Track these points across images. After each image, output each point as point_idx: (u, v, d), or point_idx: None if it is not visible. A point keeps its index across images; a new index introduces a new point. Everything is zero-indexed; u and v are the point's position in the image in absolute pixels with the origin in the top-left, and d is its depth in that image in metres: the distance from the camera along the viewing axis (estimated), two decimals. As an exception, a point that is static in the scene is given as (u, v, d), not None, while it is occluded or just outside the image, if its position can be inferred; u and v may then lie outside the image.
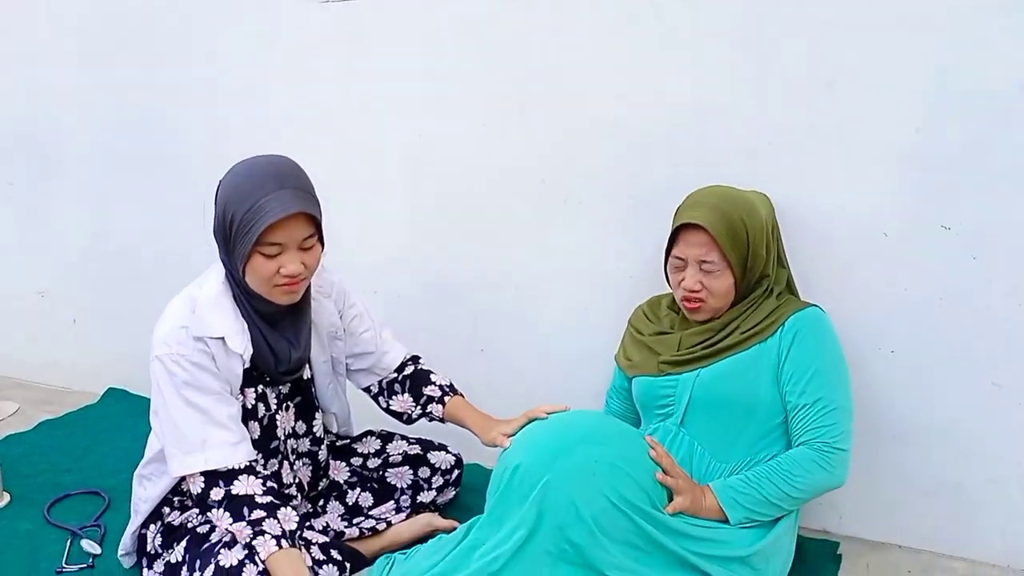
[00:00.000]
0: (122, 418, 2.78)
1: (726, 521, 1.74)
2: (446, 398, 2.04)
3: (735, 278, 1.84)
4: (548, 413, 1.80)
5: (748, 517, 1.75)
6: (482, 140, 2.33)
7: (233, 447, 1.73)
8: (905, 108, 1.90)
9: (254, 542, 1.67)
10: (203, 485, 1.71)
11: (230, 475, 1.71)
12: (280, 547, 1.66)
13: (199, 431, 1.71)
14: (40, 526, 2.15)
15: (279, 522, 1.69)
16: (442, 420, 2.04)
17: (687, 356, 1.90)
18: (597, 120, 2.19)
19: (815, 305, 1.89)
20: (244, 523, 1.68)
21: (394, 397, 2.07)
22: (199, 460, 1.70)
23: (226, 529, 1.70)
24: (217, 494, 1.70)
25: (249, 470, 1.73)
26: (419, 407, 2.05)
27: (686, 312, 1.91)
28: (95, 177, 2.90)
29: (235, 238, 1.69)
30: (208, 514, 1.73)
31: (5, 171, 3.02)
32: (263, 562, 1.66)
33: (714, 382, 1.85)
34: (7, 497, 2.27)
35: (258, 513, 1.68)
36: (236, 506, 1.69)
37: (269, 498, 1.71)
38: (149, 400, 2.91)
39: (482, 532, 1.71)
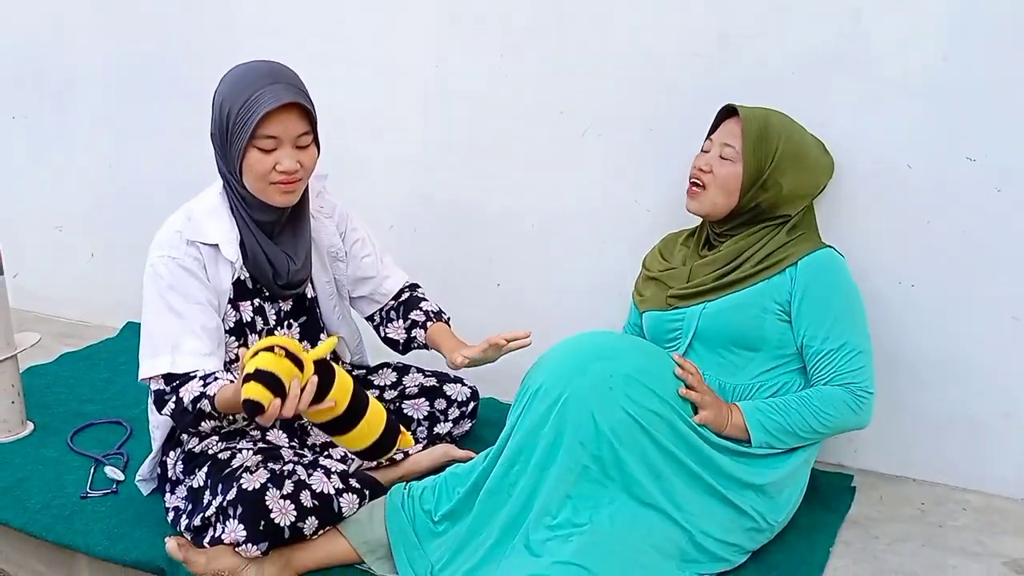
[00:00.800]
0: (141, 351, 2.81)
1: (748, 442, 1.76)
2: (429, 323, 2.02)
3: (743, 181, 1.83)
4: (508, 340, 1.77)
5: (769, 443, 1.76)
6: (500, 70, 2.30)
7: (204, 357, 1.72)
8: (932, 36, 1.86)
9: (206, 388, 1.65)
10: (163, 385, 1.70)
11: (189, 377, 1.69)
12: (218, 385, 1.65)
13: (173, 336, 1.71)
14: (64, 453, 2.19)
15: (197, 395, 1.67)
16: (425, 346, 2.03)
17: (694, 289, 1.90)
18: (616, 51, 2.16)
19: (829, 246, 1.87)
20: (196, 380, 1.67)
21: (390, 324, 2.07)
22: (166, 362, 1.69)
23: (177, 398, 1.67)
24: (170, 384, 1.70)
25: (210, 376, 1.71)
26: (405, 332, 2.05)
27: (688, 201, 1.91)
28: (108, 109, 2.89)
29: (231, 133, 1.70)
30: (160, 413, 1.71)
31: (19, 104, 3.02)
32: (212, 399, 1.63)
33: (718, 315, 1.85)
34: (31, 426, 2.31)
35: (187, 401, 1.67)
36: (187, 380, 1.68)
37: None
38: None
39: (505, 461, 1.73)
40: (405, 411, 2.12)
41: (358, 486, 1.83)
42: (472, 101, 2.35)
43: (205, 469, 1.82)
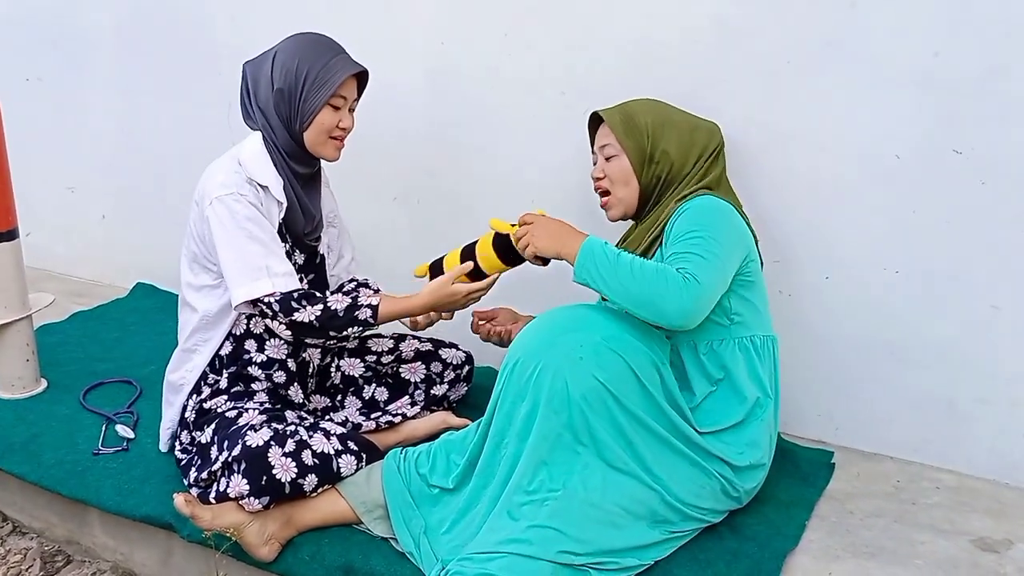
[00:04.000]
0: (151, 312, 2.89)
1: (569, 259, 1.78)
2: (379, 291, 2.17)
3: (633, 165, 1.90)
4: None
5: (585, 280, 1.76)
6: (503, 50, 2.34)
7: (294, 276, 1.90)
8: (925, 31, 1.90)
9: (359, 300, 1.89)
10: (278, 297, 1.85)
11: (290, 307, 1.86)
12: (375, 309, 1.89)
13: (262, 259, 1.86)
14: (76, 411, 2.27)
15: (353, 305, 1.90)
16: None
17: None
18: (618, 35, 2.20)
19: (714, 194, 1.86)
20: (338, 294, 1.91)
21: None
22: (266, 284, 1.85)
23: (324, 307, 1.87)
24: (282, 316, 1.86)
25: (308, 297, 1.88)
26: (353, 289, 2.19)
27: (606, 215, 1.99)
28: (122, 73, 2.94)
29: (308, 91, 1.90)
30: (289, 317, 1.86)
31: (35, 66, 3.07)
32: (375, 315, 1.88)
33: None
34: (44, 383, 2.40)
35: (339, 309, 1.88)
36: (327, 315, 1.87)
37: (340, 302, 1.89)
38: (175, 296, 3.03)
39: (495, 435, 1.80)
40: (403, 375, 2.20)
41: (356, 448, 1.92)
42: (476, 79, 2.40)
43: (213, 426, 1.90)
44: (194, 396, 1.99)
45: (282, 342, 1.99)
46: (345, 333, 1.89)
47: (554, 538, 1.64)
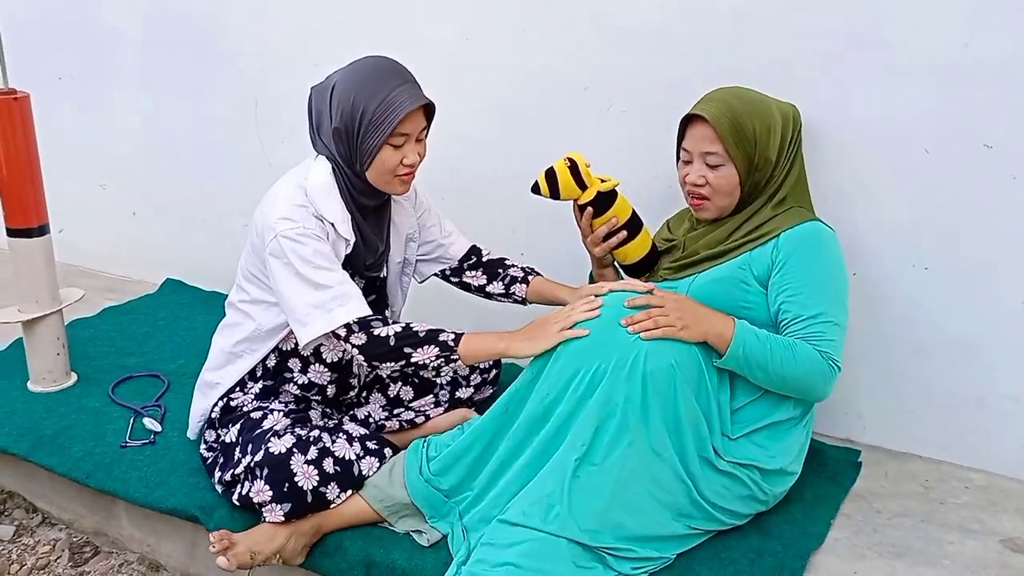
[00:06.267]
0: (180, 308, 2.92)
1: (719, 351, 1.75)
2: (529, 277, 2.13)
3: (740, 176, 1.84)
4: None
5: (736, 367, 1.76)
6: (525, 45, 2.34)
7: (365, 302, 1.82)
8: (954, 22, 1.87)
9: (440, 335, 1.78)
10: (357, 328, 1.79)
11: (369, 324, 1.79)
12: (459, 335, 1.78)
13: (335, 289, 1.79)
14: (105, 404, 2.30)
15: (437, 329, 1.81)
16: (523, 301, 2.13)
17: (684, 262, 1.94)
18: (639, 28, 2.19)
19: (817, 219, 1.87)
20: (429, 346, 1.77)
21: (464, 273, 2.16)
22: (341, 313, 1.78)
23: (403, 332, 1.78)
24: (359, 339, 1.79)
25: (385, 320, 1.82)
26: (500, 283, 2.14)
27: (692, 210, 1.94)
28: (147, 72, 2.97)
29: (365, 132, 1.78)
30: (368, 357, 1.79)
31: (64, 65, 3.11)
32: (457, 352, 1.77)
33: (705, 288, 1.88)
34: (74, 376, 2.43)
35: (418, 336, 1.78)
36: (403, 337, 1.78)
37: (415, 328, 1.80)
38: (204, 292, 3.06)
39: (536, 387, 1.78)
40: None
41: (377, 447, 1.92)
42: (498, 75, 2.40)
43: (237, 426, 1.92)
44: (225, 397, 2.00)
45: (325, 368, 1.97)
46: (424, 359, 1.78)
47: (578, 514, 1.64)
